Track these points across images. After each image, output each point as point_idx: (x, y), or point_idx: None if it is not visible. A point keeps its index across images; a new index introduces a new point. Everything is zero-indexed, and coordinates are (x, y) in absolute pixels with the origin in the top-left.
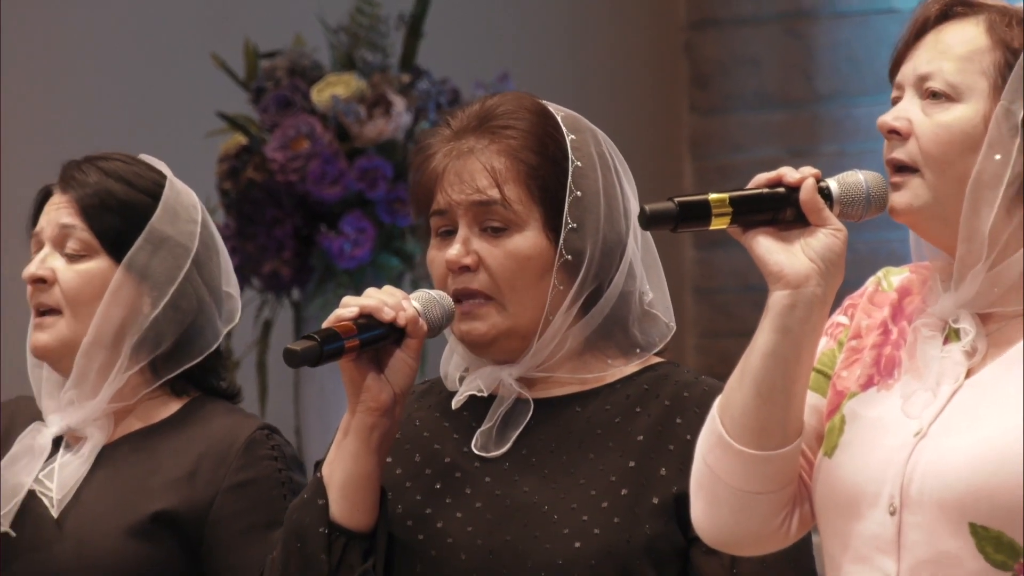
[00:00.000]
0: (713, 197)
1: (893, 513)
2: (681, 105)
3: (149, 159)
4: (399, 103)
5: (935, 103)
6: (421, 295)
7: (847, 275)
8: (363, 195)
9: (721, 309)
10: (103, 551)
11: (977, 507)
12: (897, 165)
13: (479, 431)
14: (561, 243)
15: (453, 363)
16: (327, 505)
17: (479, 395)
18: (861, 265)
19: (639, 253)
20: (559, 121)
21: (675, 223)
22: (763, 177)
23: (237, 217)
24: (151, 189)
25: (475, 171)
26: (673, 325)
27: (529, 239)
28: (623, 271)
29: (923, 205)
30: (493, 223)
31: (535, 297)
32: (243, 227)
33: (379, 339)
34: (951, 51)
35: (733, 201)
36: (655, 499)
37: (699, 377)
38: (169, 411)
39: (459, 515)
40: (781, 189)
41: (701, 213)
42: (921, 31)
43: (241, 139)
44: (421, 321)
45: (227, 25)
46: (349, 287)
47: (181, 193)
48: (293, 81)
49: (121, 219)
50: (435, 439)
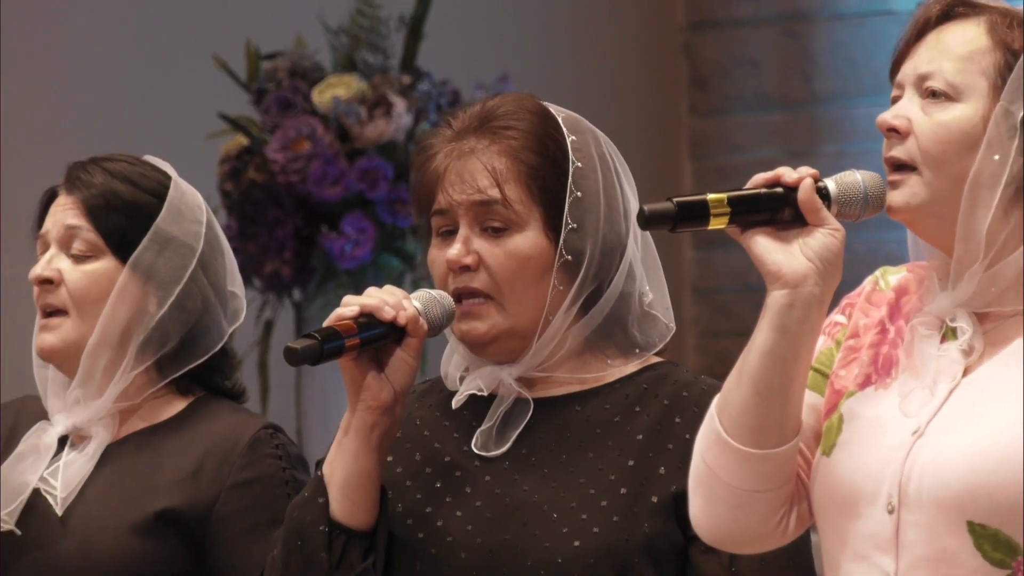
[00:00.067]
0: (711, 197)
1: (891, 511)
2: (680, 106)
3: (154, 160)
4: (400, 104)
5: (935, 102)
6: (422, 294)
7: (845, 275)
8: (364, 196)
9: (720, 309)
10: (107, 549)
11: (975, 505)
12: (895, 163)
13: (479, 430)
14: (561, 243)
15: (453, 363)
16: (327, 503)
17: (479, 394)
18: (859, 265)
19: (639, 254)
20: (560, 122)
21: (674, 223)
22: (761, 177)
23: (238, 218)
24: (156, 190)
25: (476, 171)
26: (673, 326)
27: (529, 239)
28: (623, 271)
29: (921, 203)
30: (494, 223)
31: (535, 297)
32: (244, 228)
33: (380, 338)
34: (951, 51)
35: (731, 201)
36: (654, 498)
37: (698, 377)
38: (174, 410)
39: (459, 514)
40: (779, 189)
41: (699, 213)
42: (922, 31)
43: (242, 140)
44: (421, 320)
45: (228, 26)
46: (350, 287)
47: (186, 194)
48: (294, 82)
49: (127, 220)
50: (435, 438)
